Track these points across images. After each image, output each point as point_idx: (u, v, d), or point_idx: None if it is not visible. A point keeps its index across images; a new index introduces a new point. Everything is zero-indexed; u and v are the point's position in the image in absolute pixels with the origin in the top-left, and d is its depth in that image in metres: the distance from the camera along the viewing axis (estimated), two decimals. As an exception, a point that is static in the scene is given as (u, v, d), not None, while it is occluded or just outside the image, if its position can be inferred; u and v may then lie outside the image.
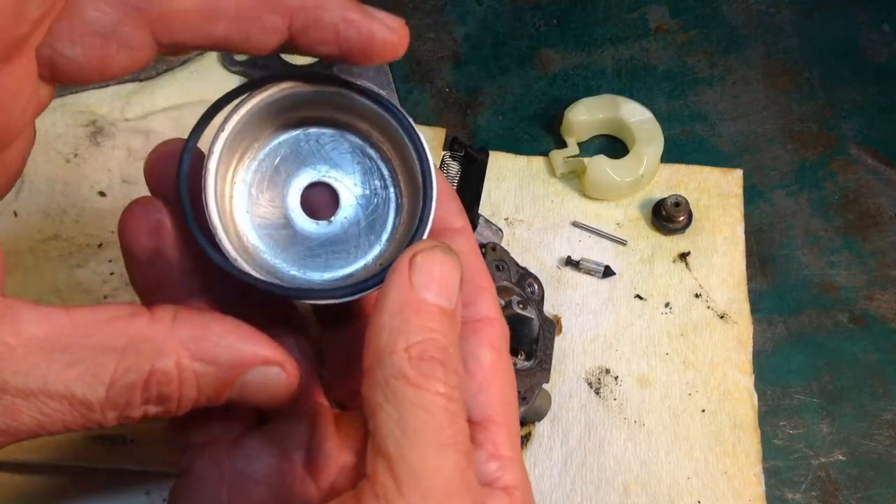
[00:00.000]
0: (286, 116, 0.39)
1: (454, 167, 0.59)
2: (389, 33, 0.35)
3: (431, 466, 0.28)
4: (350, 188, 0.39)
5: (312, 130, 0.40)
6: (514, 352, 0.54)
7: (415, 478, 0.27)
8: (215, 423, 0.37)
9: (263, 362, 0.32)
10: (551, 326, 0.57)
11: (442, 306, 0.30)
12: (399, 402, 0.28)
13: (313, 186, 0.39)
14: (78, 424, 0.29)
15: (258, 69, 0.73)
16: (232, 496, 0.35)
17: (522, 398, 0.54)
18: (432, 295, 0.30)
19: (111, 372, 0.29)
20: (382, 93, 0.38)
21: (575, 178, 0.70)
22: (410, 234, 0.36)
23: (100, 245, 0.65)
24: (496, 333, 0.35)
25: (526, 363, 0.54)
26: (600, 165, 0.67)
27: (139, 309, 0.30)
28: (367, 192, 0.39)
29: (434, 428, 0.28)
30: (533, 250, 0.67)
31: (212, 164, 0.35)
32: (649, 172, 0.68)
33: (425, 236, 0.35)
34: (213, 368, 0.31)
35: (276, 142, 0.40)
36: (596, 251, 0.67)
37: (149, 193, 0.37)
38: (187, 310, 0.31)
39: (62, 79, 0.32)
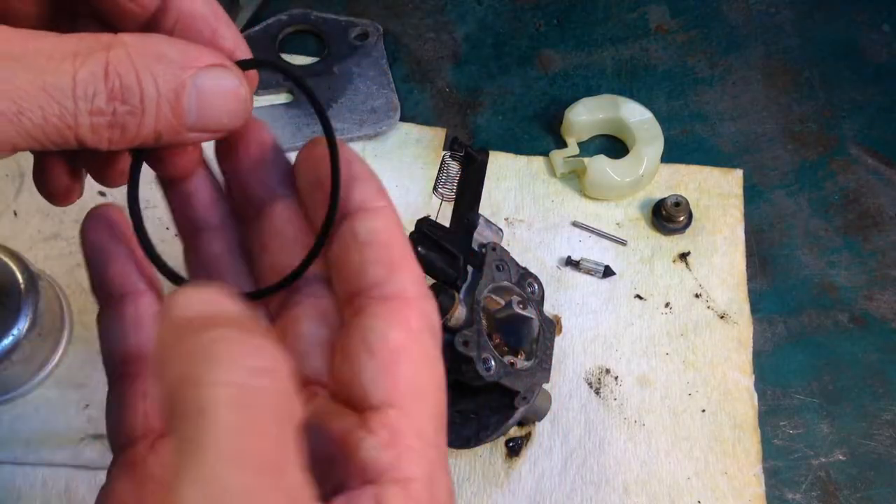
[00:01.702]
0: None
1: (454, 167, 0.58)
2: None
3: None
4: None
5: None
6: (514, 352, 0.54)
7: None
8: None
9: (213, 64, 0.31)
10: (551, 326, 0.57)
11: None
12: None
13: None
14: (55, 116, 0.29)
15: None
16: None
17: (522, 398, 0.54)
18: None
19: (72, 64, 0.29)
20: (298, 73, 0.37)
21: (575, 178, 0.70)
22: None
23: (100, 245, 0.65)
24: (413, 313, 0.31)
25: (526, 363, 0.54)
26: (600, 165, 0.67)
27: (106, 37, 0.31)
28: None
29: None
30: (533, 250, 0.67)
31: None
32: (649, 172, 0.68)
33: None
34: (164, 65, 0.30)
35: None
36: (596, 251, 0.67)
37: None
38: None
39: None
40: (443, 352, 0.33)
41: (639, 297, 0.66)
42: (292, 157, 0.35)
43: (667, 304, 0.65)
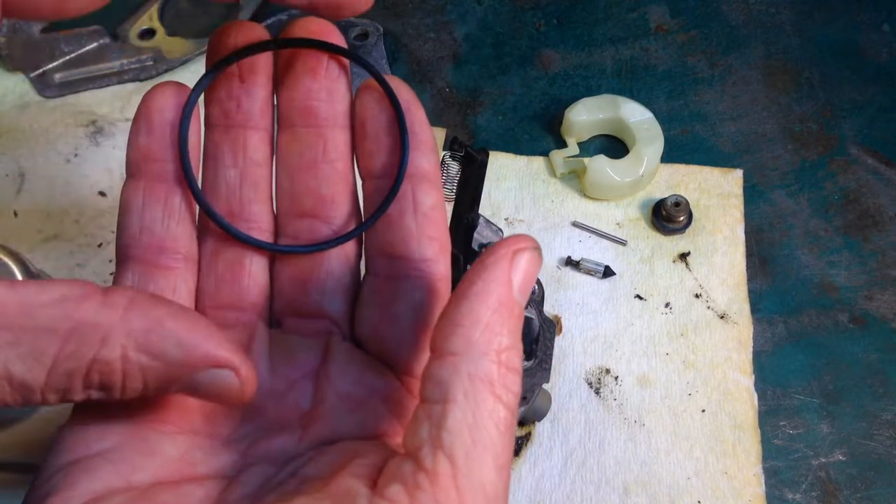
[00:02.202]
0: None
1: (454, 167, 0.59)
2: None
3: (490, 490, 0.27)
4: None
5: None
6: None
7: (475, 494, 0.27)
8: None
9: (214, 365, 0.30)
10: (551, 326, 0.57)
11: (521, 312, 0.30)
12: (478, 407, 0.28)
13: None
14: (18, 403, 0.28)
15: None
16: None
17: (522, 398, 0.54)
18: (522, 299, 0.30)
19: (53, 356, 0.28)
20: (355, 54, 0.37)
21: (575, 178, 0.70)
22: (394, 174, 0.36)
23: (100, 245, 0.65)
24: (446, 289, 0.35)
25: (526, 363, 0.54)
26: (600, 165, 0.67)
27: (91, 290, 0.29)
28: None
29: (500, 448, 0.28)
30: (533, 250, 0.67)
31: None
32: (649, 172, 0.68)
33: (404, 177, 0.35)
34: (160, 364, 0.29)
35: None
36: (596, 251, 0.67)
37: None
38: (144, 296, 0.30)
39: (13, 12, 0.30)
40: None
41: (639, 297, 0.66)
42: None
43: (667, 304, 0.65)
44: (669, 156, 0.70)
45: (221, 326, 0.34)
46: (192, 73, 0.73)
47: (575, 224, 0.68)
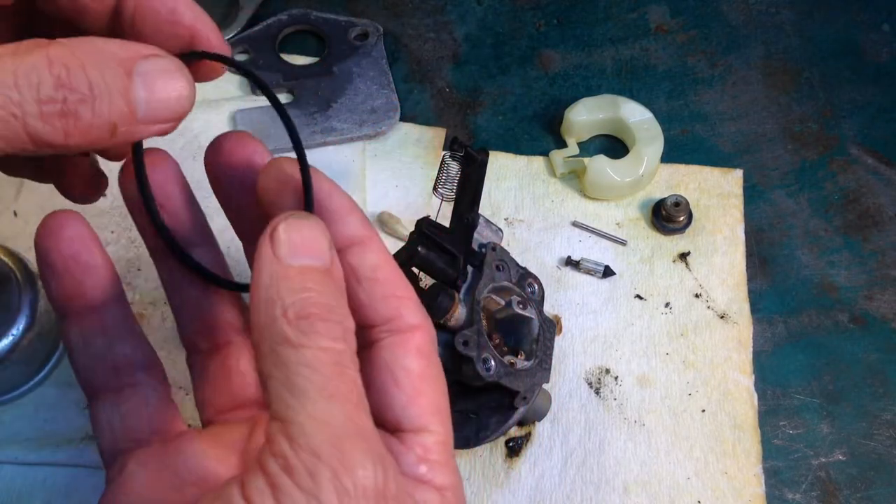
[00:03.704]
0: None
1: (454, 167, 0.58)
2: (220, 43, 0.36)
3: (320, 420, 0.28)
4: None
5: None
6: (514, 352, 0.54)
7: (305, 435, 0.27)
8: None
9: (154, 54, 0.32)
10: (551, 326, 0.57)
11: (313, 265, 0.30)
12: (285, 365, 0.29)
13: None
14: None
15: (258, 69, 0.73)
16: (165, 495, 0.34)
17: (522, 398, 0.54)
18: (299, 259, 0.30)
19: (12, 60, 0.29)
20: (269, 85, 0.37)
21: (575, 178, 0.70)
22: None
23: (100, 245, 0.65)
24: (423, 339, 0.34)
25: (526, 363, 0.54)
26: (600, 165, 0.67)
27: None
28: None
29: (319, 383, 0.28)
30: (533, 250, 0.67)
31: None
32: (649, 172, 0.68)
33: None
34: (107, 57, 0.30)
35: None
36: (596, 251, 0.67)
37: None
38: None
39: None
40: (443, 352, 0.34)
41: (639, 297, 0.66)
42: (291, 156, 0.35)
43: (667, 304, 0.65)
44: (669, 156, 0.70)
45: (229, 425, 0.37)
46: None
47: (575, 224, 0.68)
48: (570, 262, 0.66)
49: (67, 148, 0.30)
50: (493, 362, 0.51)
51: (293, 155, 0.35)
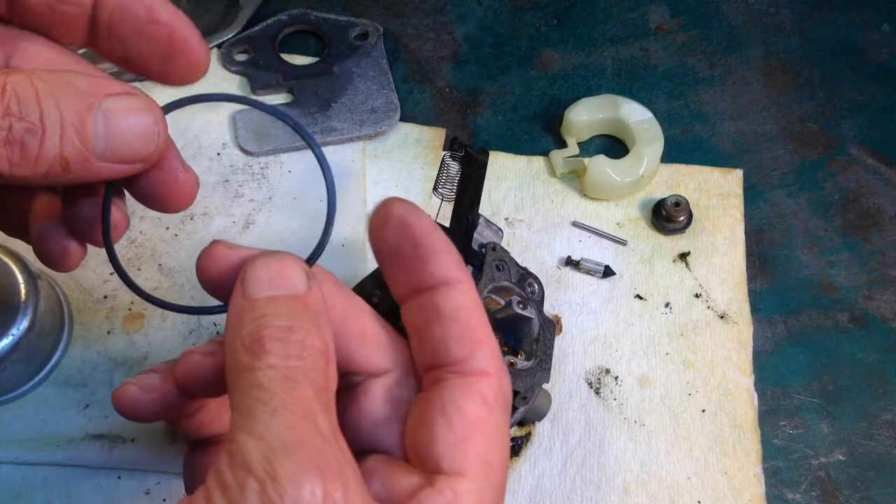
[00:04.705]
0: None
1: (454, 167, 0.58)
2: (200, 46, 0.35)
3: (256, 435, 0.27)
4: None
5: None
6: (514, 352, 0.54)
7: (240, 451, 0.27)
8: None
9: (121, 92, 0.31)
10: (551, 326, 0.57)
11: (279, 294, 0.30)
12: (239, 390, 0.29)
13: None
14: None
15: (258, 69, 0.73)
16: None
17: (522, 398, 0.54)
18: (264, 292, 0.30)
19: None
20: (290, 115, 0.36)
21: (575, 178, 0.70)
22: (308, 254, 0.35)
23: (100, 245, 0.65)
24: (490, 388, 0.33)
25: (526, 363, 0.54)
26: (600, 165, 0.67)
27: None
28: None
29: (263, 399, 0.28)
30: (533, 250, 0.67)
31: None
32: (649, 172, 0.68)
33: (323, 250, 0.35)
34: (69, 91, 0.30)
35: None
36: (596, 251, 0.67)
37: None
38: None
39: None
40: None
41: (639, 297, 0.66)
42: (291, 157, 0.35)
43: (667, 304, 0.65)
44: (669, 156, 0.70)
45: None
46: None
47: (575, 224, 0.68)
48: (570, 262, 0.66)
49: (14, 178, 0.30)
50: (493, 362, 0.51)
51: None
